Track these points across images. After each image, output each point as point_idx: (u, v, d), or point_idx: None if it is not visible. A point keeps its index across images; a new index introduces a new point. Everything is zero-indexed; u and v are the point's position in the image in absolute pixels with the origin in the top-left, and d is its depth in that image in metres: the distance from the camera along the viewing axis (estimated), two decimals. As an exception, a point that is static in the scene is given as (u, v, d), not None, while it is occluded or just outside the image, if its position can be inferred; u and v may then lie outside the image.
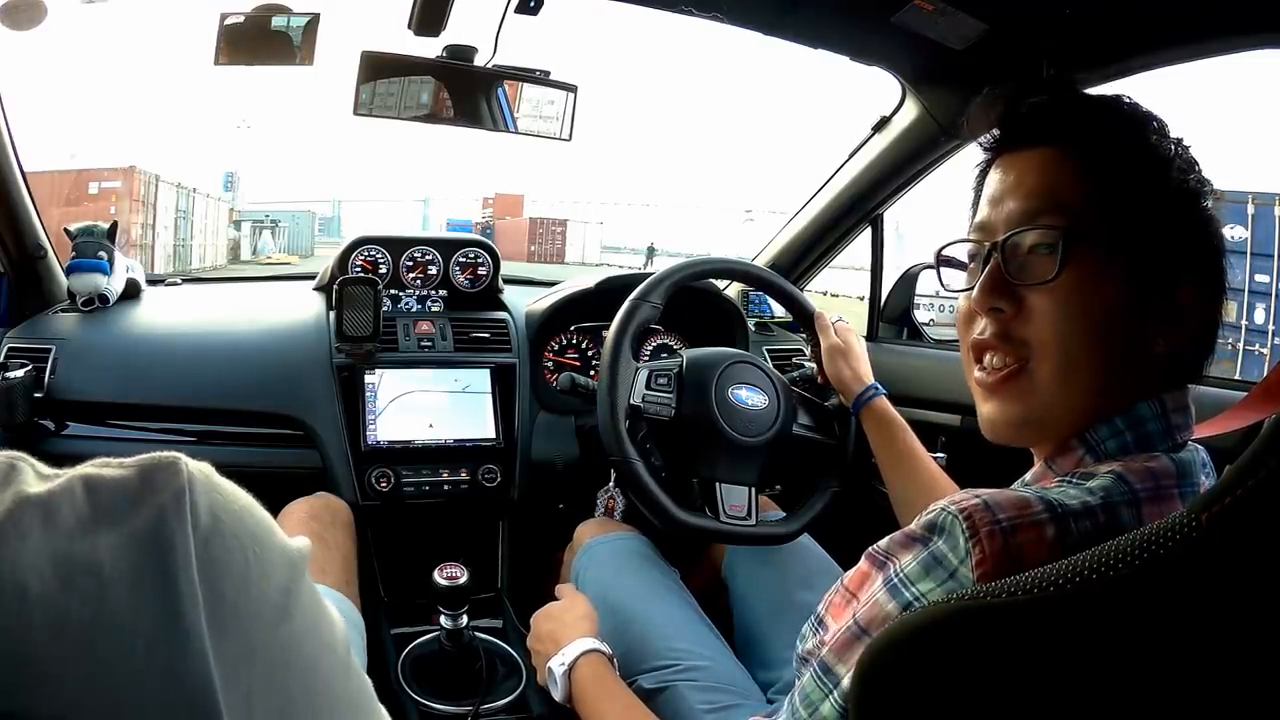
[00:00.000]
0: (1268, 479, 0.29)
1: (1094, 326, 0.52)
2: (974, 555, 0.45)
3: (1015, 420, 0.56)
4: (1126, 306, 0.52)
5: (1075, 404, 0.54)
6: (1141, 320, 0.52)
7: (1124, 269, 0.52)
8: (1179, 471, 0.51)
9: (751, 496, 1.05)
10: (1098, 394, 0.53)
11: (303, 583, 0.31)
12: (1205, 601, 0.32)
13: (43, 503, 0.26)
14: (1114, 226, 0.52)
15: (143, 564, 0.26)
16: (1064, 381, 0.53)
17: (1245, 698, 0.32)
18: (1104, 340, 0.52)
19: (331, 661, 0.32)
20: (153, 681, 0.25)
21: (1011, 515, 0.46)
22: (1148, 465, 0.50)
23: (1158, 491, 0.49)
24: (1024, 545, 0.45)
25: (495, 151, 67.38)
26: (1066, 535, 0.45)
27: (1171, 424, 0.53)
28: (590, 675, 0.81)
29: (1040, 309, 0.53)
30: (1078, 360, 0.53)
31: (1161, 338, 0.52)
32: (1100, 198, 0.53)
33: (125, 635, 0.25)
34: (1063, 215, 0.53)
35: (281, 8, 1.10)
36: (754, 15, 1.08)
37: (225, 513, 0.29)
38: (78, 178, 12.70)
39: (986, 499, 0.47)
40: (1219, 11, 0.85)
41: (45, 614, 0.24)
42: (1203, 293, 0.53)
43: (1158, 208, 0.53)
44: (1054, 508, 0.46)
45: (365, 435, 1.23)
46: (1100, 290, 0.52)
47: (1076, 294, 0.52)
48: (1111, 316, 0.52)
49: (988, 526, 0.45)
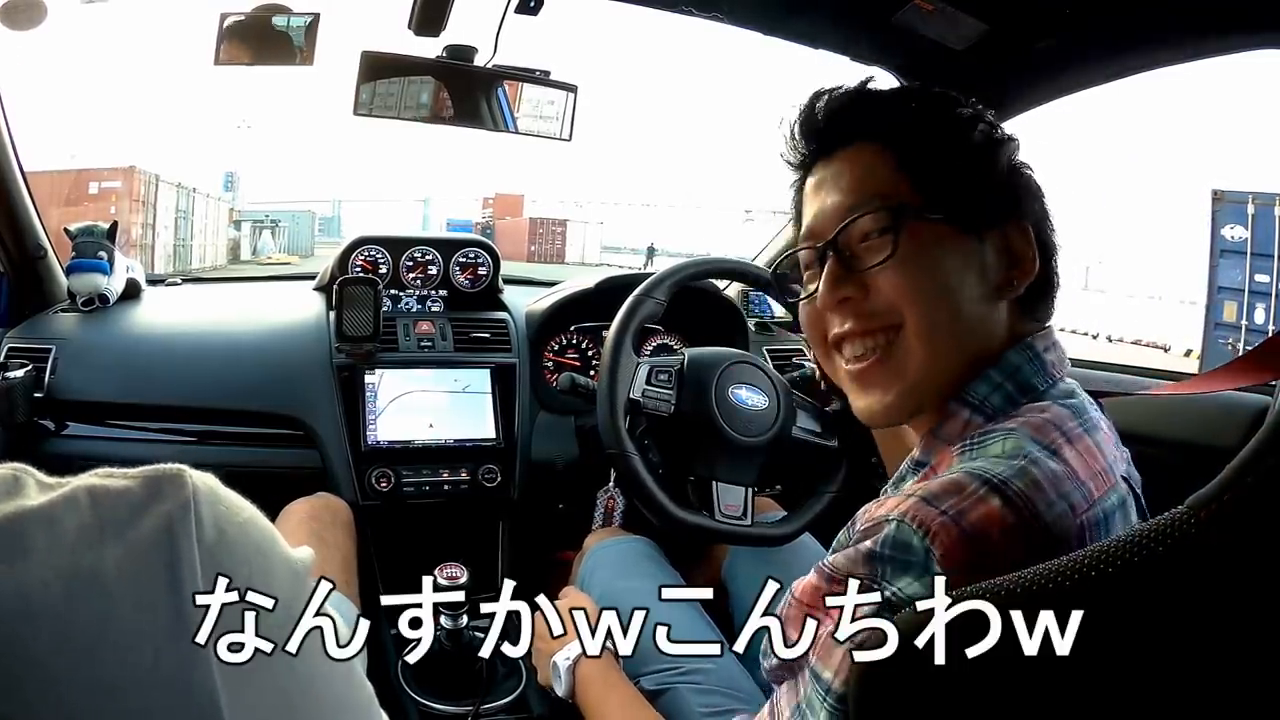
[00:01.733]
0: (1266, 477, 0.30)
1: (943, 285, 0.56)
2: (936, 551, 0.46)
3: (895, 397, 0.57)
4: (965, 259, 0.56)
5: (945, 364, 0.56)
6: (982, 268, 0.56)
7: (952, 228, 0.56)
8: (1075, 412, 0.53)
9: (748, 497, 1.05)
10: (963, 350, 0.56)
11: (305, 592, 0.31)
12: (1202, 598, 0.32)
13: (46, 514, 0.26)
14: (933, 194, 0.56)
15: (148, 576, 0.26)
16: (929, 340, 0.55)
17: (1242, 694, 0.33)
18: (955, 294, 0.56)
19: (334, 668, 0.32)
20: (158, 692, 0.25)
21: (953, 502, 0.46)
22: (1045, 419, 0.52)
23: (1069, 438, 0.51)
24: (977, 524, 0.46)
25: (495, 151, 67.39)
26: (1009, 502, 0.46)
27: (1045, 362, 0.56)
28: (595, 671, 0.81)
29: (888, 284, 0.56)
30: (936, 319, 0.55)
31: (1010, 278, 0.56)
32: (915, 172, 0.57)
33: (131, 647, 0.25)
34: (884, 198, 0.56)
35: (281, 8, 1.10)
36: (754, 15, 1.08)
37: (229, 524, 0.29)
38: (78, 178, 12.70)
39: (922, 494, 0.48)
40: (1219, 11, 0.85)
41: (50, 626, 0.24)
42: (1030, 227, 0.57)
43: (969, 166, 0.57)
44: (988, 480, 0.47)
45: (365, 435, 1.23)
46: (937, 252, 0.56)
47: (917, 261, 0.55)
48: (955, 271, 0.56)
49: (937, 520, 0.46)
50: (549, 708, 1.03)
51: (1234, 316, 6.62)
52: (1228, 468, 0.31)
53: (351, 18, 2.20)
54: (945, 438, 0.56)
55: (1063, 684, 0.36)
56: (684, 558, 1.17)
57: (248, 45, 1.10)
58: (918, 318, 0.55)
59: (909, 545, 0.47)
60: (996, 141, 0.59)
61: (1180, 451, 0.85)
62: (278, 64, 1.11)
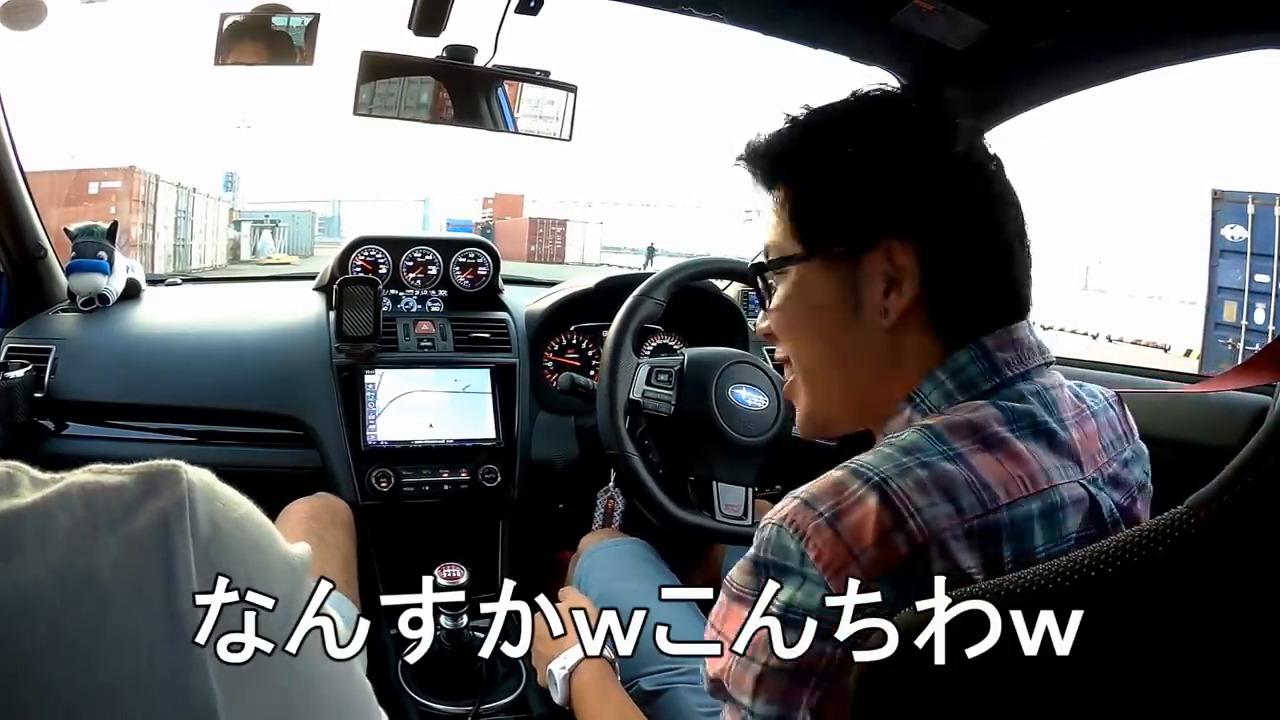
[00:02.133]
0: (1265, 477, 0.30)
1: (815, 323, 0.58)
2: (810, 554, 0.46)
3: (803, 419, 0.62)
4: (838, 289, 0.56)
5: (835, 391, 0.59)
6: (857, 295, 0.56)
7: (824, 261, 0.57)
8: (1009, 416, 0.51)
9: (748, 497, 1.05)
10: (853, 377, 0.57)
11: (303, 589, 0.31)
12: (1202, 598, 0.32)
13: (40, 511, 0.26)
14: (809, 236, 0.57)
15: (143, 573, 0.26)
16: (809, 374, 0.60)
17: (1241, 693, 0.33)
18: (829, 328, 0.57)
19: (333, 667, 0.32)
20: (154, 691, 0.25)
21: (831, 503, 0.46)
22: (968, 418, 0.51)
23: (985, 441, 0.49)
24: (852, 526, 0.45)
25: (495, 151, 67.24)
26: (889, 499, 0.46)
27: (995, 361, 0.54)
28: (590, 680, 0.81)
29: (774, 324, 0.61)
30: (812, 353, 0.59)
31: (896, 298, 0.54)
32: (800, 217, 0.58)
33: (126, 645, 0.25)
34: (776, 248, 0.60)
35: (281, 8, 1.10)
36: (754, 15, 1.08)
37: (226, 521, 0.28)
38: (78, 178, 12.70)
39: (804, 496, 0.48)
40: (1219, 11, 0.85)
41: (44, 624, 0.24)
42: (914, 240, 0.54)
43: (839, 192, 0.57)
44: (870, 477, 0.47)
45: (365, 435, 1.23)
46: (809, 291, 0.58)
47: (793, 302, 0.59)
48: (827, 307, 0.57)
49: (812, 523, 0.46)
50: (549, 708, 1.03)
51: (1234, 316, 6.62)
52: (1227, 468, 0.31)
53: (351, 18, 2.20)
54: (889, 433, 0.56)
55: (1063, 684, 0.36)
56: (682, 558, 1.17)
57: (248, 45, 1.10)
58: (794, 355, 0.60)
59: (786, 549, 0.47)
60: (870, 157, 0.56)
61: (1180, 451, 0.85)
62: (277, 64, 1.11)
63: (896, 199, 0.55)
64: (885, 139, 0.57)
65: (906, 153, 0.56)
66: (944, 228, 0.55)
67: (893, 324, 0.55)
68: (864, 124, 0.58)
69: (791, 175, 0.59)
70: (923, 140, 0.56)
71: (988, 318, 0.56)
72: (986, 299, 0.56)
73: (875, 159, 0.56)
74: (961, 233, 0.55)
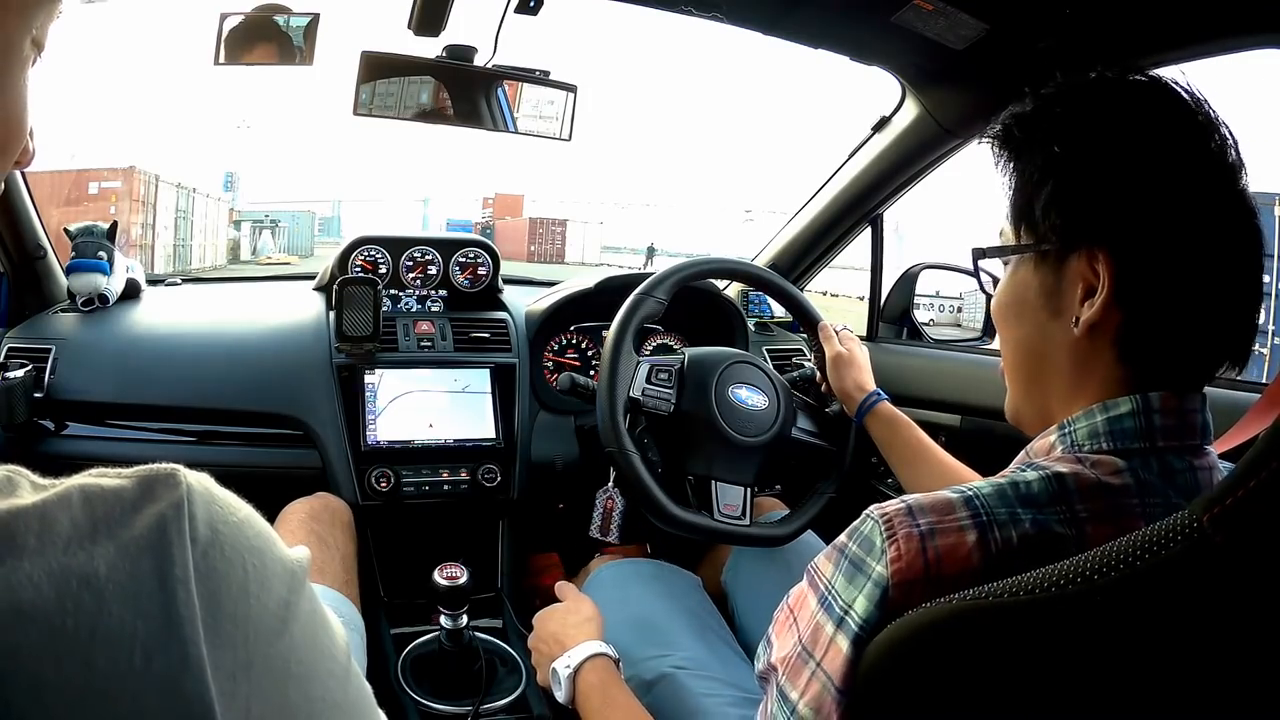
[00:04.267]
0: (1269, 480, 0.29)
1: (1015, 319, 0.56)
2: (889, 553, 0.46)
3: (1006, 408, 0.60)
4: (1041, 290, 0.54)
5: (1031, 393, 0.57)
6: (1057, 298, 0.53)
7: (1032, 257, 0.54)
8: (1144, 489, 0.47)
9: (747, 496, 1.05)
10: (1050, 383, 0.55)
11: (302, 593, 0.31)
12: (1207, 602, 0.32)
13: (38, 513, 0.26)
14: (1015, 225, 0.55)
15: (140, 576, 0.26)
16: (1011, 374, 0.59)
17: (1246, 697, 0.32)
18: (1029, 328, 0.55)
19: (331, 669, 0.32)
20: (150, 694, 0.25)
21: (932, 520, 0.46)
22: (1103, 479, 0.47)
23: (1109, 511, 0.46)
24: (941, 549, 0.45)
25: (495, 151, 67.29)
26: (987, 544, 0.45)
27: (1153, 425, 0.49)
28: (595, 680, 0.81)
29: (993, 315, 0.59)
30: (1012, 355, 0.58)
31: (1088, 308, 0.50)
32: (1011, 204, 0.55)
33: (123, 648, 0.25)
34: (1001, 235, 0.57)
35: (281, 8, 1.10)
36: (754, 15, 1.08)
37: (224, 524, 0.28)
38: (78, 178, 12.71)
39: (911, 504, 0.48)
40: (1219, 11, 0.85)
41: (41, 627, 0.24)
42: (1102, 253, 0.50)
43: (1048, 189, 0.52)
44: (979, 513, 0.46)
45: (365, 435, 1.23)
46: (1017, 282, 0.56)
47: (1002, 296, 0.57)
48: (1027, 305, 0.55)
49: (905, 528, 0.46)
50: (549, 708, 1.03)
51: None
52: (1233, 470, 0.31)
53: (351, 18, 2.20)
54: (1033, 454, 0.54)
55: (1066, 686, 0.36)
56: (684, 560, 1.17)
57: (247, 45, 1.10)
58: (1001, 344, 0.59)
59: (871, 544, 0.47)
60: (1094, 151, 0.51)
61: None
62: (277, 64, 1.10)
63: (1105, 202, 0.50)
64: (1118, 133, 0.50)
65: (1138, 153, 0.49)
66: (1153, 244, 0.48)
67: (1082, 334, 0.51)
68: (1098, 113, 0.52)
69: (1017, 160, 0.55)
70: (1161, 141, 0.49)
71: (1182, 365, 0.50)
72: (1188, 343, 0.50)
73: (1100, 154, 0.50)
74: (1176, 253, 0.48)
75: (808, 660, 0.49)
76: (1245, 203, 0.49)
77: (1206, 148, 0.49)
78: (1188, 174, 0.48)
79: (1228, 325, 0.50)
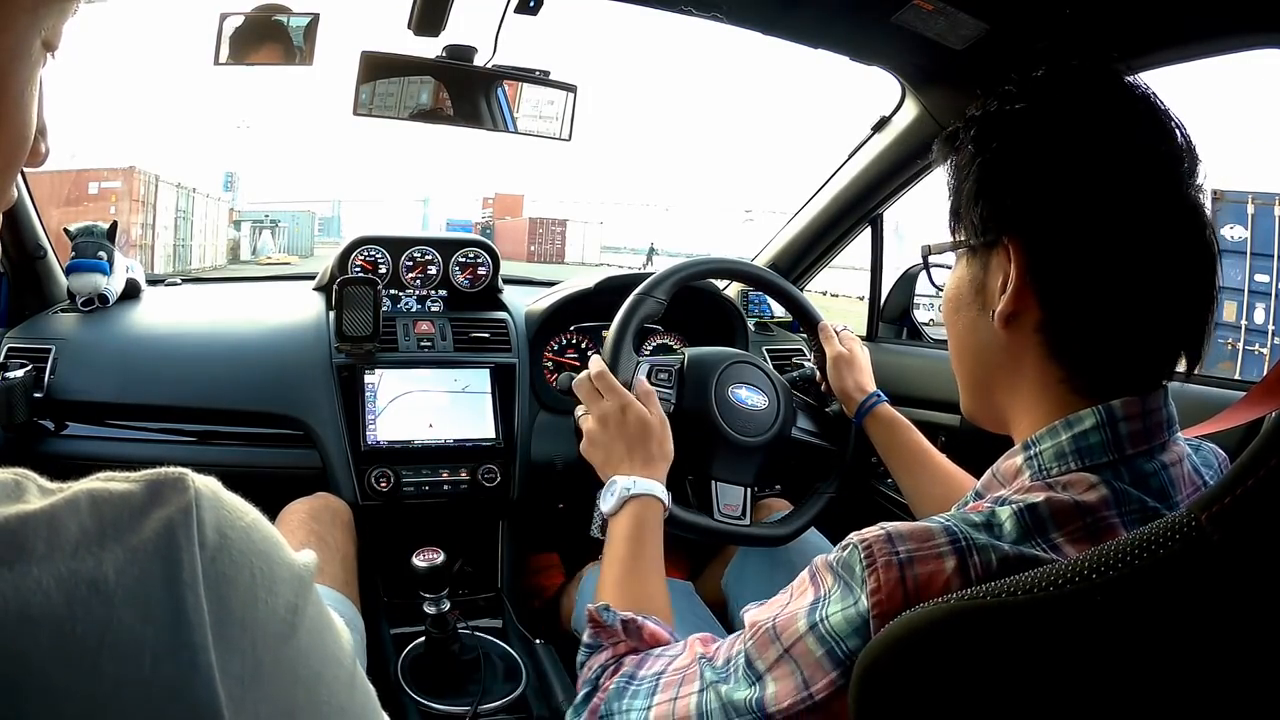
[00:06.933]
0: (1268, 478, 0.29)
1: (954, 315, 0.58)
2: (869, 584, 0.46)
3: (963, 407, 0.61)
4: (972, 286, 0.55)
5: (973, 386, 0.58)
6: (983, 290, 0.54)
7: (964, 255, 0.56)
8: (1120, 499, 0.47)
9: (747, 496, 1.05)
10: (987, 377, 0.56)
11: (309, 598, 0.31)
12: (1205, 601, 0.32)
13: (46, 518, 0.26)
14: (950, 222, 0.57)
15: (149, 581, 0.26)
16: (956, 370, 0.60)
17: (1246, 697, 0.32)
18: (965, 323, 0.57)
19: (337, 673, 0.32)
20: (158, 699, 0.25)
21: (911, 547, 0.46)
22: (1076, 499, 0.47)
23: (1086, 529, 0.46)
24: (920, 576, 0.45)
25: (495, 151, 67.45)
26: (967, 570, 0.44)
27: (1119, 435, 0.48)
28: (652, 517, 0.81)
29: (942, 313, 0.61)
30: (953, 349, 0.59)
31: (1000, 302, 0.51)
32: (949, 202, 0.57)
33: (131, 653, 0.25)
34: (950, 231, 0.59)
35: (281, 8, 1.10)
36: (754, 15, 1.08)
37: (232, 529, 0.28)
38: (78, 178, 12.71)
39: (890, 531, 0.47)
40: (1219, 11, 0.85)
41: (50, 633, 0.24)
42: (1011, 243, 0.50)
43: (962, 186, 0.55)
44: (958, 539, 0.45)
45: (365, 435, 1.23)
46: (955, 282, 0.58)
47: (946, 293, 0.59)
48: (962, 300, 0.57)
49: (884, 557, 0.46)
50: (549, 708, 1.03)
51: (1234, 316, 6.61)
52: (1230, 469, 0.31)
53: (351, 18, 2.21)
54: (1001, 476, 0.54)
55: (1065, 687, 0.36)
56: (685, 564, 1.17)
57: (247, 45, 1.10)
58: (948, 337, 0.60)
59: (852, 570, 0.47)
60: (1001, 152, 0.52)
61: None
62: (277, 64, 1.10)
63: (1019, 195, 0.50)
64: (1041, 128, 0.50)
65: (1058, 147, 0.49)
66: (1065, 236, 0.48)
67: (1000, 325, 0.52)
68: (1028, 110, 0.51)
69: (955, 156, 0.56)
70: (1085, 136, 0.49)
71: (1130, 364, 0.49)
72: (1123, 340, 0.49)
73: (1020, 149, 0.51)
74: (1092, 246, 0.48)
75: (775, 641, 0.50)
76: (1188, 200, 0.48)
77: (1141, 143, 0.48)
78: (1113, 168, 0.48)
79: (1170, 323, 0.49)
